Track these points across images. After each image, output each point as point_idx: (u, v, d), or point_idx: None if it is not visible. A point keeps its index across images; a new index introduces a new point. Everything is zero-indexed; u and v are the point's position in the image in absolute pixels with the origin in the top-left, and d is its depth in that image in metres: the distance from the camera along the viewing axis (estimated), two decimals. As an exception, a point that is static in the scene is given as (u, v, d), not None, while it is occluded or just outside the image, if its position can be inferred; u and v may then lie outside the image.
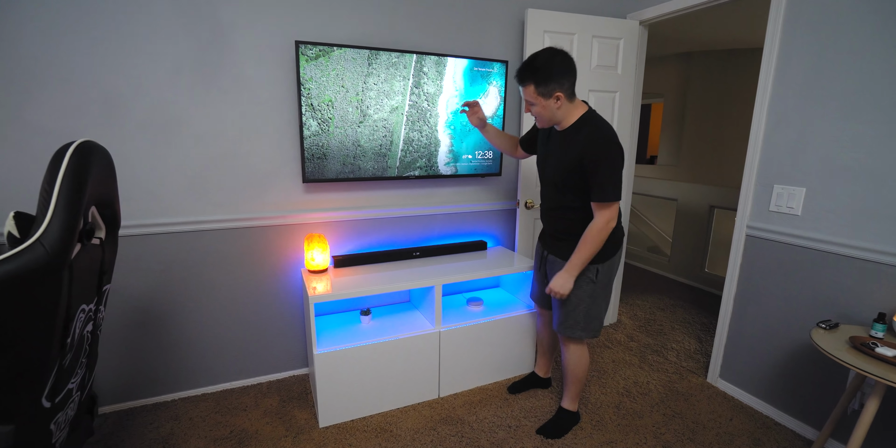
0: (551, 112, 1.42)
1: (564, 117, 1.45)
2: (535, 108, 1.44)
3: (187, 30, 1.60)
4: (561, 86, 1.37)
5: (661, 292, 3.28)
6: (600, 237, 1.44)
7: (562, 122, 1.46)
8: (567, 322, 1.60)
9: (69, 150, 0.83)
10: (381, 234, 2.10)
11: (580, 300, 1.56)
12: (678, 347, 2.41)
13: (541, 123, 1.50)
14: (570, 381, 1.72)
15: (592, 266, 1.53)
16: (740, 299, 1.93)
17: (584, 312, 1.57)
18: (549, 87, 1.37)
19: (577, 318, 1.58)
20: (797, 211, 1.69)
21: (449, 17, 1.98)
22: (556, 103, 1.40)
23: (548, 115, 1.44)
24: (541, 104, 1.41)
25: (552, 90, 1.37)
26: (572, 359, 1.68)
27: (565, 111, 1.43)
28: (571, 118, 1.45)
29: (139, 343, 1.79)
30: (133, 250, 1.69)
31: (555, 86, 1.36)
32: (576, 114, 1.45)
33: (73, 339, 0.96)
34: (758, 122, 1.78)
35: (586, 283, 1.55)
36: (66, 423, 1.03)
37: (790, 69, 1.67)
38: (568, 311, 1.58)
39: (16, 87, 1.44)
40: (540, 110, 1.43)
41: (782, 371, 1.78)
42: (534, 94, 1.39)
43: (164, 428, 1.72)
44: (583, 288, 1.55)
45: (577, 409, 1.76)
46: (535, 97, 1.40)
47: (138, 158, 1.64)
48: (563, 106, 1.41)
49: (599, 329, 1.61)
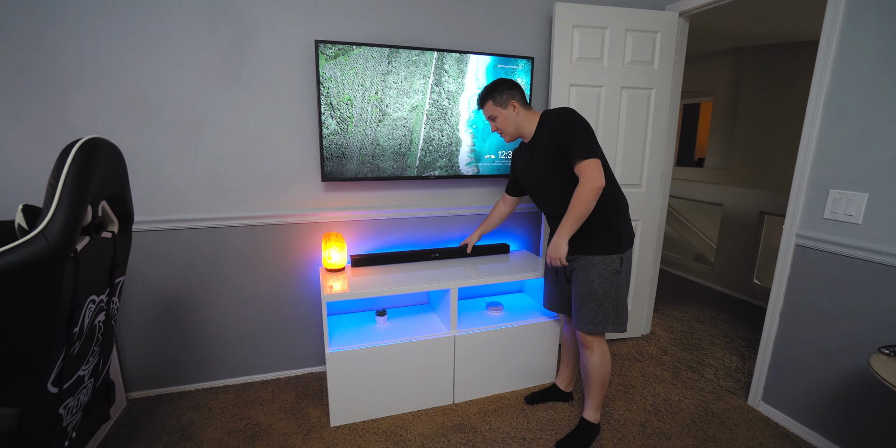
0: (514, 121, 1.58)
1: (526, 124, 1.58)
2: (497, 121, 1.60)
3: (212, 31, 1.65)
4: (513, 96, 1.57)
5: (701, 303, 3.05)
6: (588, 197, 1.44)
7: (525, 130, 1.59)
8: (597, 318, 1.54)
9: (75, 146, 0.86)
10: (400, 235, 2.08)
11: (609, 293, 1.52)
12: (717, 364, 2.22)
13: (508, 137, 1.63)
14: (593, 388, 1.63)
15: (616, 256, 1.53)
16: (788, 315, 1.74)
17: (612, 305, 1.53)
18: (504, 98, 1.56)
19: (608, 311, 1.53)
20: (857, 219, 1.50)
21: (471, 12, 1.93)
22: (514, 111, 1.57)
23: (511, 124, 1.59)
24: (501, 115, 1.58)
25: (506, 100, 1.57)
26: (597, 360, 1.60)
27: (525, 119, 1.58)
28: (532, 124, 1.58)
29: (166, 334, 1.87)
30: (159, 245, 1.77)
31: (507, 96, 1.57)
32: (534, 120, 1.59)
33: (83, 328, 1.00)
34: (812, 118, 1.60)
35: (612, 273, 1.52)
36: (78, 407, 1.07)
37: (853, 56, 1.48)
38: (597, 305, 1.53)
39: (57, 89, 1.54)
40: (503, 121, 1.59)
41: (836, 398, 1.59)
42: (492, 107, 1.58)
43: (184, 416, 1.78)
44: (609, 280, 1.52)
45: (598, 421, 1.66)
46: (494, 109, 1.58)
47: (165, 156, 1.71)
48: (520, 113, 1.57)
49: (626, 322, 1.58)
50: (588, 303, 1.54)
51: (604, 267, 1.52)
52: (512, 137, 1.63)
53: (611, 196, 1.52)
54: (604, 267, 1.52)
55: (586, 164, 1.43)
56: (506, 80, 1.62)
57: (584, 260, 1.55)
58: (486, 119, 1.65)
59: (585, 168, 1.43)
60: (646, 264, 2.37)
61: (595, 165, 1.43)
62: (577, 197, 1.45)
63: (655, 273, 2.47)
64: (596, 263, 1.52)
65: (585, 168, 1.43)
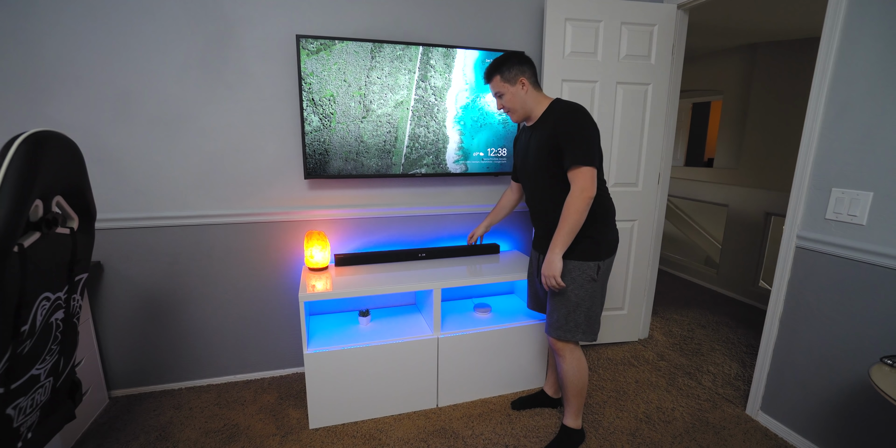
0: (521, 99, 1.46)
1: (534, 105, 1.47)
2: (504, 98, 1.47)
3: (194, 26, 1.63)
4: (522, 72, 1.44)
5: (703, 307, 2.95)
6: (580, 207, 1.35)
7: (532, 112, 1.48)
8: (567, 325, 1.49)
9: (18, 139, 0.83)
10: (386, 234, 2.04)
11: (581, 300, 1.47)
12: (716, 371, 2.13)
13: (515, 116, 1.51)
14: (570, 394, 1.57)
15: (594, 263, 1.46)
16: (788, 321, 1.65)
17: (585, 313, 1.48)
18: (513, 73, 1.43)
19: (579, 320, 1.48)
20: (861, 220, 1.41)
21: (458, 5, 1.88)
22: (522, 89, 1.44)
23: (518, 103, 1.46)
24: (509, 91, 1.45)
25: (515, 76, 1.43)
26: (571, 367, 1.54)
27: (533, 98, 1.46)
28: (540, 107, 1.47)
29: (150, 331, 1.86)
30: (142, 242, 1.76)
31: (517, 71, 1.43)
32: (544, 103, 1.47)
33: (35, 326, 0.98)
34: (813, 113, 1.52)
35: (587, 281, 1.46)
36: (33, 407, 1.05)
37: (857, 47, 1.39)
38: (567, 312, 1.48)
39: (38, 85, 1.53)
40: (510, 99, 1.46)
41: (838, 409, 1.50)
42: (500, 82, 1.45)
43: (164, 416, 1.76)
44: (584, 287, 1.46)
45: (581, 427, 1.61)
46: (502, 85, 1.45)
47: (147, 152, 1.69)
48: (529, 92, 1.45)
49: (597, 332, 1.52)
50: (559, 308, 1.49)
51: (579, 273, 1.46)
52: (519, 118, 1.51)
53: (597, 202, 1.43)
54: (579, 273, 1.46)
55: (580, 172, 1.34)
56: (517, 53, 1.48)
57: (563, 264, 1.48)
58: (493, 95, 1.53)
59: (578, 176, 1.35)
60: (643, 266, 2.29)
61: (589, 174, 1.34)
62: (567, 207, 1.37)
63: (653, 275, 2.39)
64: (571, 269, 1.46)
65: (578, 176, 1.35)
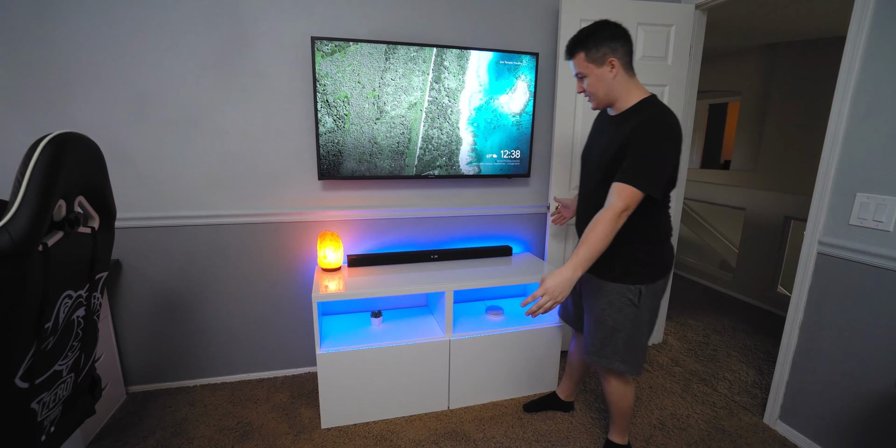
0: (606, 84, 1.22)
1: (622, 94, 1.24)
2: (587, 80, 1.24)
3: (210, 29, 1.65)
4: (614, 51, 1.19)
5: (719, 312, 2.89)
6: (605, 229, 1.14)
7: (618, 100, 1.26)
8: (603, 350, 1.35)
9: (43, 140, 0.85)
10: (399, 235, 2.04)
11: (619, 326, 1.32)
12: (732, 378, 2.09)
13: (595, 102, 1.29)
14: (614, 415, 1.50)
15: (635, 286, 1.29)
16: (808, 329, 1.61)
17: (623, 341, 1.32)
18: (601, 52, 1.19)
19: (616, 346, 1.33)
20: (888, 226, 1.37)
21: (472, 6, 1.87)
22: (610, 72, 1.21)
23: (603, 89, 1.23)
24: (593, 74, 1.22)
25: (604, 55, 1.20)
26: (613, 391, 1.44)
27: (623, 85, 1.23)
28: (630, 98, 1.24)
29: (165, 329, 1.89)
30: (158, 241, 1.79)
31: (606, 50, 1.19)
32: (636, 95, 1.24)
33: (58, 323, 1.00)
34: (837, 115, 1.48)
35: (627, 305, 1.30)
36: (56, 402, 1.08)
37: (885, 46, 1.35)
38: (604, 336, 1.34)
39: (59, 87, 1.57)
40: (593, 82, 1.23)
41: (861, 421, 1.45)
42: (584, 62, 1.22)
43: (179, 412, 1.79)
44: (623, 311, 1.30)
45: (627, 442, 1.55)
46: (586, 66, 1.22)
47: (163, 152, 1.72)
48: (619, 76, 1.22)
49: (642, 364, 1.36)
50: (594, 331, 1.37)
51: (616, 296, 1.31)
52: (600, 105, 1.29)
53: (647, 222, 1.25)
54: (616, 296, 1.31)
55: (627, 191, 1.14)
56: (609, 24, 1.21)
57: (597, 283, 1.35)
58: (574, 75, 1.28)
59: (622, 193, 1.14)
60: (657, 270, 2.25)
61: (632, 196, 1.14)
62: (595, 222, 1.16)
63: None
64: (608, 291, 1.32)
65: (622, 193, 1.14)
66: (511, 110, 1.94)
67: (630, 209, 1.16)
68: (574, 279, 1.16)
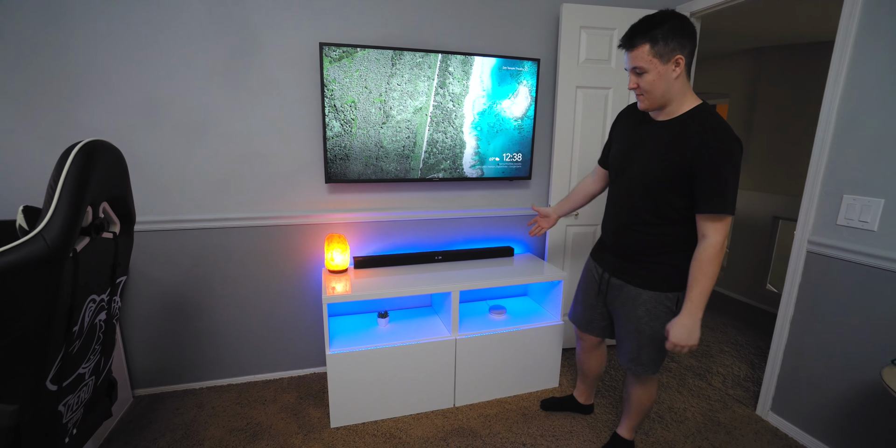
0: (666, 83, 1.12)
1: (678, 97, 1.16)
2: (646, 76, 1.13)
3: (219, 35, 1.67)
4: (682, 48, 1.09)
5: (712, 309, 2.99)
6: (715, 264, 1.13)
7: (669, 104, 1.17)
8: (641, 358, 1.37)
9: (75, 149, 0.87)
10: (403, 237, 2.08)
11: (657, 333, 1.31)
12: (725, 372, 2.17)
13: (648, 102, 1.19)
14: (633, 411, 1.54)
15: (673, 294, 1.28)
16: (798, 323, 1.69)
17: (658, 347, 1.35)
18: (669, 47, 1.08)
19: (652, 354, 1.36)
20: (872, 226, 1.45)
21: (476, 14, 1.92)
22: (674, 71, 1.11)
23: (662, 88, 1.13)
24: (656, 70, 1.11)
25: (672, 52, 1.09)
26: (645, 393, 1.48)
27: (682, 87, 1.14)
28: (685, 103, 1.16)
29: (172, 332, 1.90)
30: (166, 244, 1.80)
31: (675, 46, 1.08)
32: (690, 100, 1.16)
33: (83, 327, 1.02)
34: (826, 121, 1.56)
35: (665, 313, 1.30)
36: (79, 405, 1.09)
37: (870, 55, 1.43)
38: (641, 344, 1.35)
39: (69, 92, 1.57)
40: (653, 79, 1.12)
41: (848, 410, 1.54)
42: (648, 56, 1.10)
43: (188, 414, 1.80)
44: (661, 319, 1.30)
45: (633, 438, 1.60)
46: (650, 60, 1.10)
47: (173, 157, 1.73)
48: (681, 78, 1.13)
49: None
50: (632, 340, 1.37)
51: (655, 304, 1.29)
52: (652, 105, 1.19)
53: (687, 229, 1.23)
54: (655, 304, 1.29)
55: (722, 224, 1.12)
56: (681, 16, 1.10)
57: (632, 292, 1.33)
58: (628, 68, 1.16)
59: (718, 228, 1.12)
60: (653, 269, 2.32)
61: (726, 225, 1.13)
62: (701, 263, 1.14)
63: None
64: (646, 300, 1.30)
65: (718, 228, 1.12)
66: (513, 115, 1.99)
67: (724, 240, 1.14)
68: (697, 323, 1.17)
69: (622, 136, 1.36)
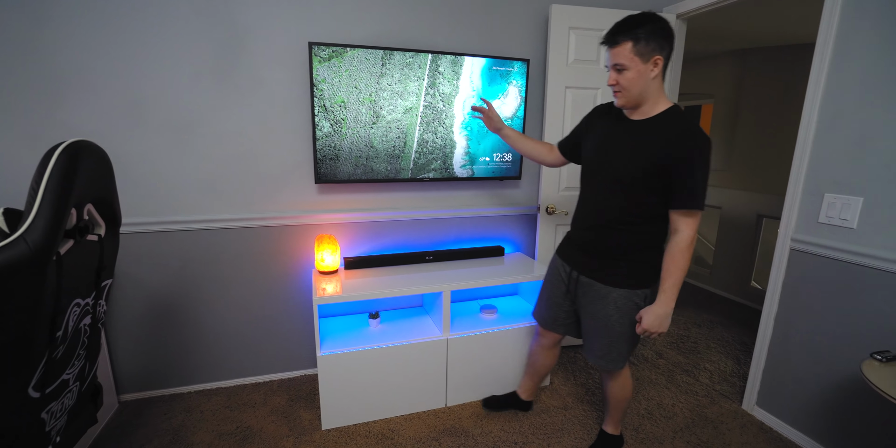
0: (644, 82, 1.17)
1: (651, 98, 1.21)
2: (626, 74, 1.17)
3: (206, 33, 1.64)
4: (662, 49, 1.15)
5: (699, 307, 3.04)
6: (687, 256, 1.21)
7: (645, 103, 1.23)
8: (610, 354, 1.41)
9: (58, 149, 0.85)
10: (394, 237, 2.07)
11: (626, 329, 1.37)
12: (712, 368, 2.21)
13: (625, 99, 1.23)
14: (614, 407, 1.57)
15: (642, 291, 1.33)
16: (782, 319, 1.73)
17: (627, 343, 1.40)
18: (650, 47, 1.14)
19: (622, 349, 1.41)
20: (852, 224, 1.49)
21: (467, 14, 1.92)
22: (652, 71, 1.16)
23: (639, 87, 1.18)
24: (636, 68, 1.15)
25: (652, 52, 1.14)
26: (618, 386, 1.52)
27: (657, 89, 1.20)
28: (659, 104, 1.22)
29: (159, 336, 1.86)
30: (153, 246, 1.76)
31: (655, 46, 1.14)
32: (664, 101, 1.23)
33: (67, 332, 0.99)
34: (807, 122, 1.59)
35: (633, 309, 1.34)
36: (62, 412, 1.07)
37: (849, 59, 1.47)
38: (610, 341, 1.40)
39: (50, 90, 1.54)
40: (633, 77, 1.17)
41: (831, 404, 1.58)
42: (629, 53, 1.15)
43: (176, 419, 1.77)
44: (630, 315, 1.35)
45: (620, 433, 1.63)
46: (631, 58, 1.15)
47: (159, 157, 1.70)
48: (657, 78, 1.18)
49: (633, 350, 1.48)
50: (601, 338, 1.41)
51: (624, 302, 1.33)
52: (628, 103, 1.23)
53: (657, 227, 1.30)
54: (624, 302, 1.33)
55: (693, 219, 1.20)
56: (662, 19, 1.15)
57: (602, 290, 1.36)
58: (609, 65, 1.20)
59: (690, 223, 1.20)
60: (642, 267, 2.35)
61: (697, 220, 1.21)
62: (674, 255, 1.22)
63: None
64: (616, 298, 1.34)
65: (690, 223, 1.20)
66: (503, 115, 2.00)
67: (695, 235, 1.22)
68: (669, 312, 1.26)
69: (597, 134, 1.38)
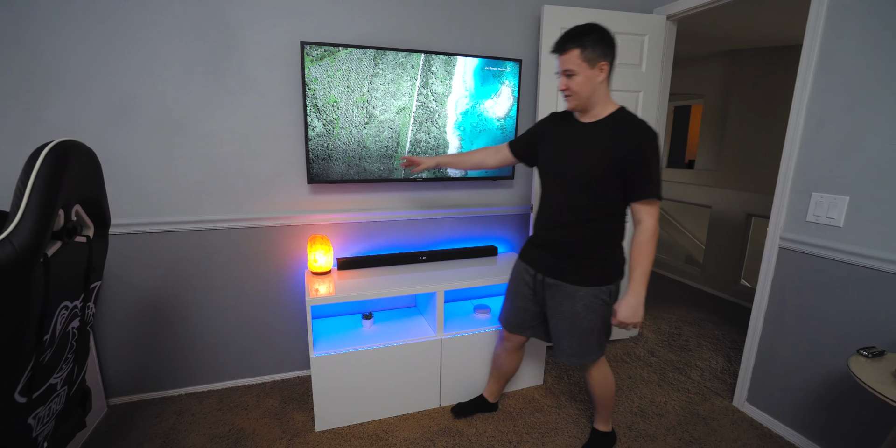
0: (592, 86, 1.26)
1: (601, 100, 1.30)
2: (575, 78, 1.25)
3: (197, 33, 1.63)
4: (606, 56, 1.24)
5: (689, 305, 3.07)
6: (652, 245, 1.28)
7: (593, 107, 1.31)
8: (581, 350, 1.45)
9: (45, 149, 0.84)
10: (387, 237, 2.07)
11: (594, 325, 1.41)
12: (703, 366, 2.23)
13: (575, 102, 1.31)
14: (600, 403, 1.60)
15: (606, 287, 1.38)
16: (771, 317, 1.76)
17: (597, 336, 1.44)
18: (595, 54, 1.22)
19: (592, 344, 1.45)
20: (839, 222, 1.51)
21: (459, 14, 1.92)
22: (599, 76, 1.25)
23: (587, 91, 1.26)
24: (584, 74, 1.24)
25: (598, 58, 1.23)
26: (599, 380, 1.55)
27: (603, 93, 1.29)
28: (605, 108, 1.31)
29: (150, 337, 1.84)
30: (143, 247, 1.74)
31: (600, 53, 1.23)
32: (610, 105, 1.31)
33: (55, 335, 0.98)
34: (795, 122, 1.62)
35: (600, 305, 1.39)
36: (50, 417, 1.05)
37: (836, 59, 1.50)
38: (581, 338, 1.43)
39: (37, 90, 1.51)
40: (581, 82, 1.25)
41: (819, 399, 1.60)
42: (577, 59, 1.23)
43: (167, 422, 1.75)
44: (597, 312, 1.40)
45: (611, 430, 1.65)
46: (579, 64, 1.23)
47: (149, 158, 1.68)
48: (604, 83, 1.27)
49: (607, 342, 1.53)
50: (571, 336, 1.44)
51: (591, 299, 1.38)
52: (578, 107, 1.32)
53: (616, 225, 1.37)
54: (591, 299, 1.38)
55: (653, 208, 1.27)
56: (605, 29, 1.24)
57: (569, 289, 1.39)
58: (560, 72, 1.28)
59: (651, 212, 1.27)
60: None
61: (657, 208, 1.28)
62: (640, 245, 1.28)
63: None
64: (583, 296, 1.38)
65: (651, 212, 1.27)
66: (496, 115, 2.00)
67: (657, 223, 1.29)
68: (641, 301, 1.31)
69: (554, 138, 1.43)
